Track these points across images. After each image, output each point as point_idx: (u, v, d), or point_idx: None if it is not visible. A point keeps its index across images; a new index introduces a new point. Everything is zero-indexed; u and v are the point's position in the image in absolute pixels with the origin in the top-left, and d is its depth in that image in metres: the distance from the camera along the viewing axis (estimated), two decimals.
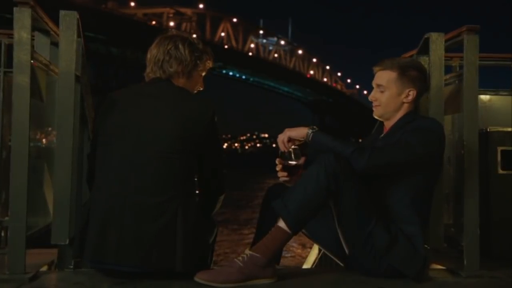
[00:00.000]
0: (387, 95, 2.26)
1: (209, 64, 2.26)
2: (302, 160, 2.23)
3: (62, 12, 2.25)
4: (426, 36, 2.50)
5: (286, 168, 2.23)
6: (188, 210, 2.01)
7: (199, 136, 2.05)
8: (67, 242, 2.23)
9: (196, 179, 2.15)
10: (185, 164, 2.03)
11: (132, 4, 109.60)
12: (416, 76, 2.26)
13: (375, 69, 2.32)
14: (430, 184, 2.25)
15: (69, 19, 2.25)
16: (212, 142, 2.11)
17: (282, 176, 2.25)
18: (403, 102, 2.27)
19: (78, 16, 2.28)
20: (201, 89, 2.29)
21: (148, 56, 2.19)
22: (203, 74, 2.27)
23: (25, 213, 2.08)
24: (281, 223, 2.04)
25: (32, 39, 2.46)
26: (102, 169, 2.06)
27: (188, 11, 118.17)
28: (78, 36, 2.31)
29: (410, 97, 2.26)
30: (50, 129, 2.71)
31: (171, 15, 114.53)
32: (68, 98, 2.25)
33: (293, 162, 2.21)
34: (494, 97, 3.20)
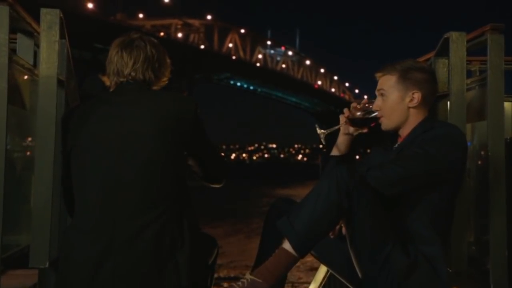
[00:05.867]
0: (389, 100, 2.05)
1: (167, 74, 1.99)
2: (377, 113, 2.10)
3: (43, 10, 2.03)
4: (446, 36, 2.27)
5: (353, 121, 2.12)
6: (182, 226, 1.77)
7: (182, 136, 1.81)
8: (47, 265, 2.01)
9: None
10: (173, 172, 1.79)
11: (141, 15, 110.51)
12: (420, 78, 2.03)
13: (377, 75, 2.10)
14: (450, 200, 2.00)
15: (50, 17, 2.02)
16: (201, 139, 1.90)
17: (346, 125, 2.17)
18: (409, 107, 2.04)
19: (61, 15, 2.06)
20: None
21: (109, 64, 1.89)
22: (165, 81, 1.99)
23: (0, 231, 1.87)
24: (286, 245, 1.81)
25: (14, 42, 2.27)
26: (82, 193, 1.79)
27: (196, 22, 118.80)
28: (62, 37, 2.09)
29: (415, 100, 2.02)
30: None
31: (179, 26, 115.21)
32: (49, 104, 2.01)
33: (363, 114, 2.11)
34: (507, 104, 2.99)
